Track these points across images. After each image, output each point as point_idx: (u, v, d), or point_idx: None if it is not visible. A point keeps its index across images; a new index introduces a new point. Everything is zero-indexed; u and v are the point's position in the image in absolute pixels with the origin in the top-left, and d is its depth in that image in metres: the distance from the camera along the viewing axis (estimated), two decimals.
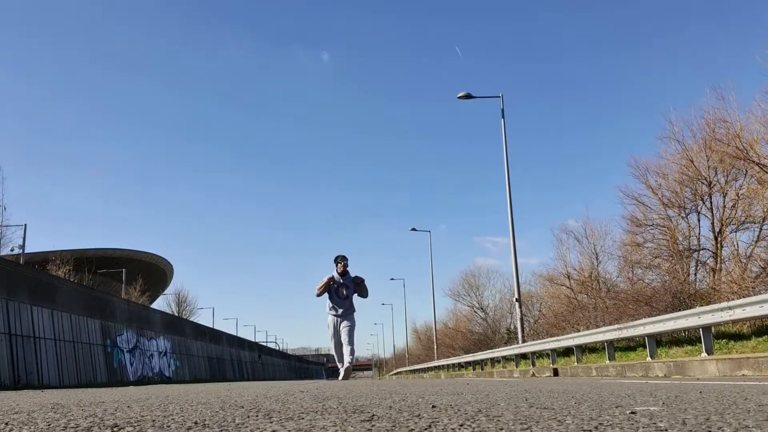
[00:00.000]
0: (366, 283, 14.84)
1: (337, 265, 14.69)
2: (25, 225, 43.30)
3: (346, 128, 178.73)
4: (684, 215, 27.01)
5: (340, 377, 14.54)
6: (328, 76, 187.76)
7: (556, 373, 18.72)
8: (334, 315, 14.67)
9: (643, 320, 15.89)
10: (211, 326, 51.21)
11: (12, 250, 42.06)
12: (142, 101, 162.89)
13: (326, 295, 14.73)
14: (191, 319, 63.47)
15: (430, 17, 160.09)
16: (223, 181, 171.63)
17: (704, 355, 12.78)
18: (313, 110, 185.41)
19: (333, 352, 15.04)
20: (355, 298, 14.99)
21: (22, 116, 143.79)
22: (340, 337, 14.62)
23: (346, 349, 14.52)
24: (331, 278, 14.51)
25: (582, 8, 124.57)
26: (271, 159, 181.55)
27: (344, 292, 14.64)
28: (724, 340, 15.12)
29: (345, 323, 14.58)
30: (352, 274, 14.89)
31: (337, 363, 14.93)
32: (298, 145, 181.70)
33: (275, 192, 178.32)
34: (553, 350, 22.33)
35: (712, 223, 25.31)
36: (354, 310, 14.91)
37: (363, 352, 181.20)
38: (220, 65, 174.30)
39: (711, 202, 25.46)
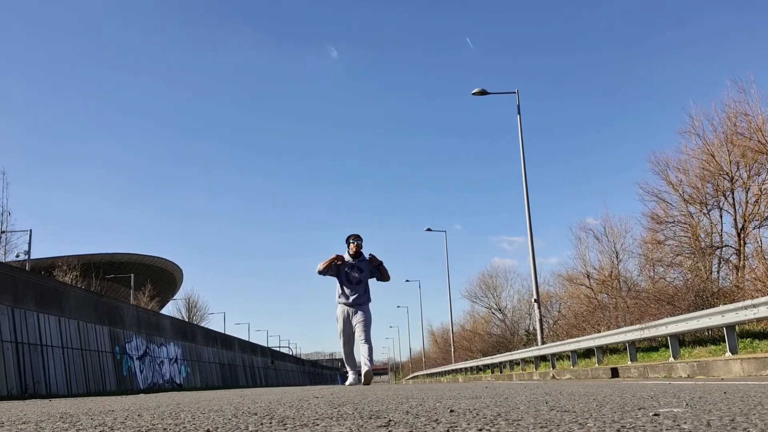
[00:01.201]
0: (384, 264, 12.97)
1: (348, 246, 12.87)
2: (31, 230, 43.49)
3: (358, 126, 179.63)
4: (706, 211, 26.95)
5: (348, 382, 12.77)
6: (337, 73, 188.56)
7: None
8: (345, 303, 12.69)
9: (666, 320, 15.85)
10: (222, 332, 51.33)
11: (17, 256, 42.21)
12: (149, 101, 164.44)
13: (336, 280, 12.83)
14: (202, 324, 63.60)
15: (442, 11, 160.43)
16: (233, 182, 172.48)
17: (728, 354, 12.73)
18: (324, 108, 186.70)
19: (341, 351, 12.98)
20: (372, 285, 13.04)
21: (26, 117, 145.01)
22: (352, 333, 12.68)
23: (363, 348, 12.57)
24: (339, 257, 12.69)
25: (597, 2, 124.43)
26: (282, 158, 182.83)
27: (357, 276, 12.69)
28: (748, 339, 15.06)
29: (358, 316, 12.64)
30: (367, 256, 13.04)
31: (347, 365, 13.10)
32: (310, 143, 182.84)
33: (286, 192, 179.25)
34: (574, 351, 22.29)
35: (735, 219, 25.23)
36: (369, 300, 12.91)
37: (379, 356, 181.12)
38: (227, 64, 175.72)
39: (733, 198, 25.39)
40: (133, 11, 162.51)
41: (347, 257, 12.76)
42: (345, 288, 12.70)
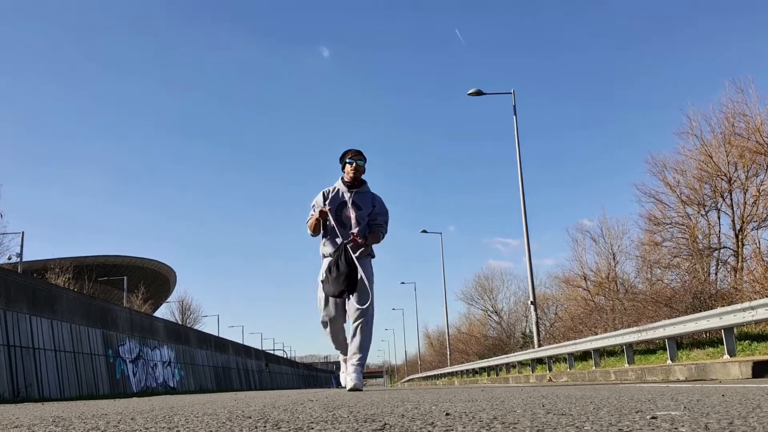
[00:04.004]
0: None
1: (344, 168, 8.39)
2: (23, 232, 43.54)
3: (353, 126, 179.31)
4: (704, 213, 27.01)
5: (343, 367, 8.46)
6: (330, 73, 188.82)
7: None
8: (332, 256, 8.07)
9: (663, 322, 15.86)
10: (216, 334, 51.29)
11: (9, 258, 42.29)
12: (142, 100, 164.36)
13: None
14: (196, 327, 63.61)
15: (436, 11, 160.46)
16: (226, 183, 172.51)
17: (726, 357, 12.75)
18: (317, 108, 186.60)
19: (325, 331, 8.31)
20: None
21: (19, 117, 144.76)
22: (342, 301, 8.15)
23: (356, 338, 8.07)
24: (323, 213, 8.14)
25: (593, 2, 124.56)
26: (276, 158, 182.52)
27: (353, 216, 8.16)
28: (746, 342, 15.09)
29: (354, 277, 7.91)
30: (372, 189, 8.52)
31: (340, 354, 8.58)
32: (303, 144, 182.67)
33: (280, 192, 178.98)
34: (570, 354, 22.31)
35: (733, 221, 25.28)
36: (371, 255, 8.41)
37: (374, 358, 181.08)
38: (220, 64, 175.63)
39: (731, 199, 25.45)
40: (125, 11, 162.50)
41: (341, 186, 8.38)
42: (336, 233, 8.21)
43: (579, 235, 40.89)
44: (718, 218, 26.43)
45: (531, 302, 27.74)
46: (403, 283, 78.32)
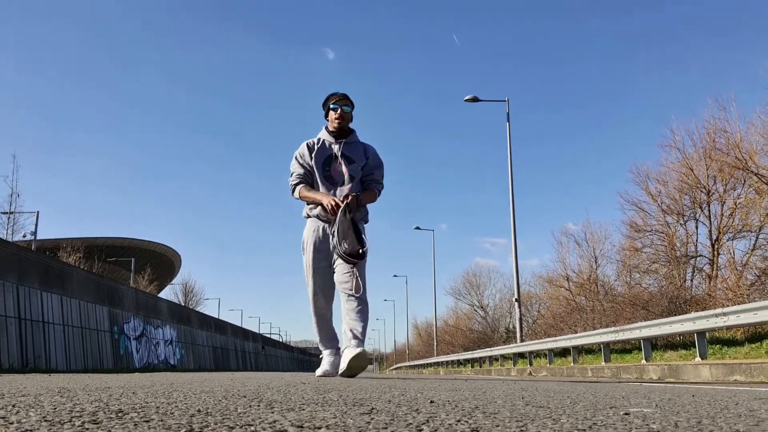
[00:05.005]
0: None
1: (327, 114, 7.07)
2: (38, 212, 43.25)
3: (354, 125, 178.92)
4: (682, 222, 27.05)
5: (321, 370, 6.80)
6: (334, 74, 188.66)
7: None
8: (321, 218, 6.76)
9: (640, 324, 15.87)
10: (216, 317, 51.28)
11: (24, 236, 42.07)
12: (152, 95, 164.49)
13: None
14: (197, 309, 63.51)
15: (437, 18, 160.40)
16: (231, 177, 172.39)
17: (698, 359, 12.76)
18: (319, 107, 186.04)
19: (312, 310, 6.86)
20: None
21: (36, 106, 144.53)
22: (332, 272, 6.75)
23: (351, 309, 6.55)
24: (334, 207, 6.47)
25: (587, 15, 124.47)
26: (278, 156, 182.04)
27: (343, 170, 6.82)
28: (717, 346, 15.11)
29: (343, 246, 6.37)
30: (361, 138, 7.30)
31: (319, 337, 6.96)
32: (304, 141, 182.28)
33: (280, 190, 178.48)
34: (551, 350, 22.30)
35: (710, 231, 25.31)
36: (365, 216, 6.98)
37: (365, 346, 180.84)
38: (227, 64, 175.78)
39: (709, 210, 25.48)
40: (136, 9, 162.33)
41: (326, 136, 7.04)
42: (322, 190, 6.81)
43: (564, 238, 40.97)
44: (696, 228, 26.48)
45: (515, 299, 27.74)
46: (395, 276, 78.19)
